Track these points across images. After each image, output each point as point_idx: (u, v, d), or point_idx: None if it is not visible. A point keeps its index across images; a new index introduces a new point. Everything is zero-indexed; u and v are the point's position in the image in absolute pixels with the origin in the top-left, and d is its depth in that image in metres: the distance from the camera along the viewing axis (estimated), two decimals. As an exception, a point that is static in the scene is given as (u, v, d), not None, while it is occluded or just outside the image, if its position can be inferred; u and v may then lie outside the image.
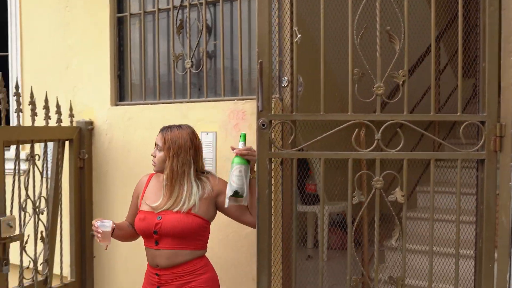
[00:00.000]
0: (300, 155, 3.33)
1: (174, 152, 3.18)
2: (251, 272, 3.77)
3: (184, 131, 3.24)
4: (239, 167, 3.07)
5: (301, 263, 3.83)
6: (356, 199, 3.25)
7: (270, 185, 3.27)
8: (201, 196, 3.19)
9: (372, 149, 3.23)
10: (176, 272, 3.17)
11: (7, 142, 3.84)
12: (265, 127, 3.25)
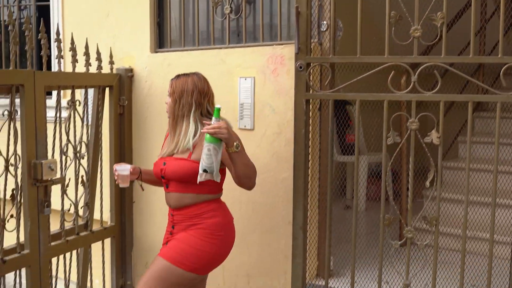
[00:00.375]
0: (335, 96, 3.40)
1: (177, 96, 3.27)
2: (287, 216, 3.82)
3: (190, 77, 3.31)
4: (208, 146, 3.03)
5: (339, 213, 3.87)
6: (390, 140, 3.29)
7: (306, 125, 3.40)
8: (198, 140, 3.22)
9: (408, 91, 3.24)
10: (184, 214, 3.28)
11: (48, 87, 3.92)
12: (302, 69, 3.39)
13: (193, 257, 3.19)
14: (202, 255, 3.20)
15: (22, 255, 3.69)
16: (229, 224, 3.35)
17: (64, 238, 4.02)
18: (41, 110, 3.77)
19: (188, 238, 3.23)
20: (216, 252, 3.24)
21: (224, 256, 3.34)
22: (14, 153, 3.66)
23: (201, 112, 3.27)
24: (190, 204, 3.26)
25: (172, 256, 3.22)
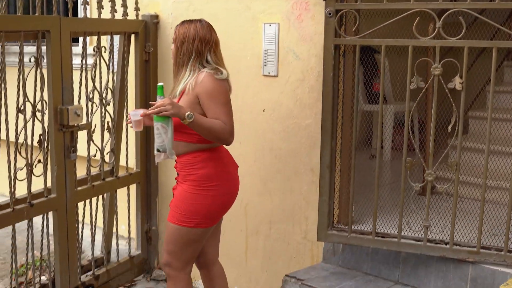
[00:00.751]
0: (362, 41, 3.47)
1: (179, 43, 3.24)
2: (309, 162, 3.86)
3: (193, 24, 3.26)
4: (156, 125, 3.06)
5: (364, 162, 3.90)
6: (414, 84, 3.35)
7: (335, 69, 3.51)
8: (183, 89, 3.21)
9: (433, 37, 3.29)
10: (181, 162, 3.31)
11: (74, 34, 3.97)
12: (331, 15, 3.48)
13: (191, 213, 3.22)
14: (198, 208, 3.22)
15: (49, 199, 3.80)
16: (223, 173, 3.28)
17: (90, 183, 4.12)
18: (67, 56, 3.83)
19: (182, 195, 3.27)
20: (212, 202, 3.23)
21: (225, 204, 3.33)
22: (41, 99, 3.74)
23: (201, 61, 3.21)
24: (185, 153, 3.27)
25: (174, 217, 3.28)
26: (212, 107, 3.13)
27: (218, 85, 3.15)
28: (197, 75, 3.17)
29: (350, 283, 3.57)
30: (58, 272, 3.91)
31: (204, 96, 3.12)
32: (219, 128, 3.11)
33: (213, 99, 3.13)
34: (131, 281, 4.64)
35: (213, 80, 3.14)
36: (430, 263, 3.45)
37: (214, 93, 3.13)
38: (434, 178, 3.39)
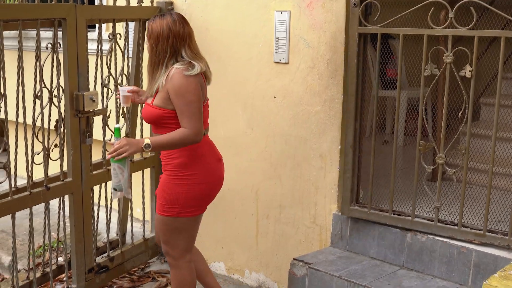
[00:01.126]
0: (383, 30, 3.68)
1: (154, 43, 3.27)
2: (318, 148, 3.95)
3: (165, 20, 3.28)
4: (113, 165, 3.22)
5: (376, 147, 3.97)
6: (428, 71, 3.52)
7: (359, 55, 3.73)
8: (159, 86, 3.27)
9: (445, 27, 3.44)
10: (162, 153, 3.46)
11: (90, 21, 4.07)
12: (356, 6, 3.69)
13: (170, 202, 3.33)
14: (175, 197, 3.32)
15: (65, 183, 3.94)
16: (199, 163, 3.36)
17: (105, 167, 4.24)
18: (82, 43, 3.94)
19: (162, 186, 3.40)
20: (187, 191, 3.33)
21: (203, 193, 3.40)
22: (57, 85, 3.86)
23: (176, 58, 3.26)
24: None
25: (159, 207, 3.42)
26: (178, 105, 3.21)
27: (185, 82, 3.19)
28: (168, 71, 3.23)
29: (356, 267, 3.67)
30: (74, 254, 4.06)
31: (172, 93, 3.20)
32: (181, 137, 3.22)
33: (180, 96, 3.20)
34: (145, 263, 4.79)
35: (181, 77, 3.19)
36: (435, 249, 3.54)
37: (180, 90, 3.19)
38: (444, 162, 3.53)
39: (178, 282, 3.54)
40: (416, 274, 3.58)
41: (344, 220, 3.90)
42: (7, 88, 3.53)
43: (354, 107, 3.81)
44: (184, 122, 3.23)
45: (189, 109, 3.21)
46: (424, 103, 3.61)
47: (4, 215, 3.62)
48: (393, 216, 3.74)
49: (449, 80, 3.46)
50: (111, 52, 4.21)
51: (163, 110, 3.27)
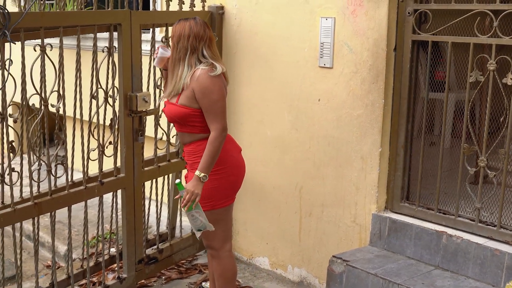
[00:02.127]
0: (434, 38, 3.93)
1: (175, 41, 3.56)
2: (360, 151, 4.14)
3: (187, 22, 3.58)
4: (190, 213, 3.52)
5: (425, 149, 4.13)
6: (473, 78, 3.74)
7: (412, 61, 4.03)
8: (184, 85, 3.51)
9: (490, 36, 3.65)
10: (187, 151, 3.69)
11: (143, 26, 4.35)
12: (410, 15, 3.95)
13: (206, 198, 3.55)
14: (210, 192, 3.56)
15: (118, 178, 4.24)
16: (226, 157, 3.59)
17: (156, 164, 4.53)
18: (136, 46, 4.23)
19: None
20: (220, 184, 3.60)
21: (233, 184, 3.69)
22: (112, 86, 4.16)
23: (197, 56, 3.51)
24: (189, 142, 3.64)
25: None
26: (204, 103, 3.47)
27: (211, 82, 3.46)
28: (193, 71, 3.48)
29: (392, 265, 3.86)
30: (125, 245, 4.36)
31: (198, 93, 3.46)
32: (215, 145, 3.47)
33: (206, 96, 3.46)
34: (192, 256, 5.07)
35: (206, 77, 3.46)
36: (469, 251, 3.70)
37: (206, 90, 3.46)
38: (485, 165, 3.72)
39: (220, 272, 3.81)
40: (450, 274, 3.75)
41: (383, 220, 4.09)
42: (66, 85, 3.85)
43: (407, 109, 4.06)
44: (210, 120, 3.50)
45: (214, 107, 3.49)
46: (470, 107, 3.79)
47: (61, 208, 3.94)
48: (438, 214, 3.97)
49: (492, 86, 3.65)
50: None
51: (189, 109, 3.51)
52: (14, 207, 3.63)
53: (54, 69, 3.76)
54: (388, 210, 4.15)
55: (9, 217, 3.62)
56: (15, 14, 3.47)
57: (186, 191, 3.47)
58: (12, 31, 3.48)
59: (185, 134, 3.63)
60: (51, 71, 3.76)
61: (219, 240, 3.75)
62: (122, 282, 4.37)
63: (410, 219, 4.02)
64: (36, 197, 3.79)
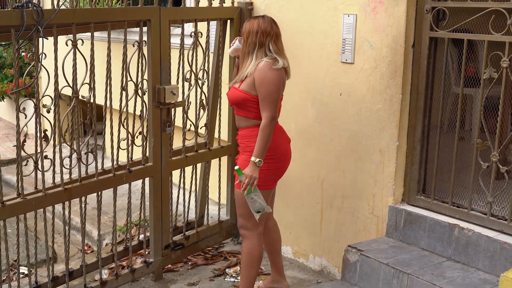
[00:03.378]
0: (450, 35, 4.10)
1: (245, 36, 4.02)
2: (378, 144, 4.32)
3: (256, 20, 4.03)
4: (249, 196, 3.88)
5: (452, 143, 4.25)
6: (487, 75, 3.88)
7: (429, 57, 4.17)
8: (248, 74, 3.95)
9: (504, 33, 3.79)
10: (241, 134, 4.12)
11: (173, 21, 4.59)
12: (428, 12, 4.11)
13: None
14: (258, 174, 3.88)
15: (146, 167, 4.50)
16: (274, 145, 3.96)
17: (183, 154, 4.78)
18: (165, 41, 4.47)
19: (244, 164, 3.96)
20: (268, 168, 3.96)
21: (279, 170, 4.08)
22: (142, 79, 4.41)
23: (264, 50, 3.93)
24: (244, 126, 4.07)
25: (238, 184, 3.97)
26: (262, 92, 3.89)
27: (271, 74, 3.88)
28: (257, 62, 3.91)
29: (405, 256, 4.03)
30: (152, 231, 4.63)
31: (258, 81, 3.88)
32: (266, 132, 3.87)
33: (264, 85, 3.87)
34: (219, 243, 5.31)
35: (268, 69, 3.88)
36: (479, 243, 3.84)
37: (265, 80, 3.87)
38: (498, 159, 3.87)
39: (248, 252, 4.11)
40: (460, 266, 3.90)
41: (399, 212, 4.25)
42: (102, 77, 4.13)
43: (423, 104, 4.23)
44: (263, 108, 3.90)
45: (269, 97, 3.89)
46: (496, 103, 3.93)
47: (90, 193, 4.22)
48: (451, 207, 4.13)
49: (505, 83, 3.79)
50: (193, 49, 4.73)
51: (248, 94, 3.94)
52: (45, 192, 3.92)
53: (85, 63, 4.02)
54: (405, 202, 4.32)
55: (40, 201, 3.91)
56: (48, 11, 3.75)
57: (245, 176, 3.85)
58: (45, 27, 3.76)
59: (241, 118, 4.06)
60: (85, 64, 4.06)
61: (253, 222, 4.05)
62: (149, 266, 4.64)
63: (425, 212, 4.18)
64: (66, 183, 4.07)
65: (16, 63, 3.76)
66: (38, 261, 4.40)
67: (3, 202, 3.73)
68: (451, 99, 4.68)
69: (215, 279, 4.78)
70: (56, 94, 3.98)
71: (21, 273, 5.21)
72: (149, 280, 4.73)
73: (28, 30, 3.69)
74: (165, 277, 4.79)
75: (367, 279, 4.06)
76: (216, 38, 5.05)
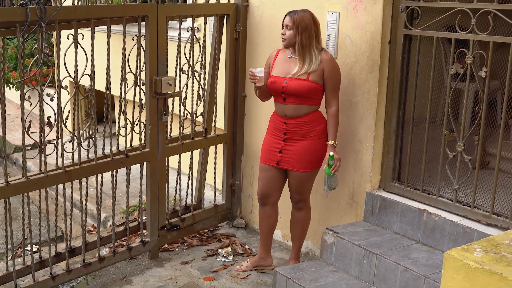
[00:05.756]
0: (421, 33, 4.43)
1: (302, 29, 4.39)
2: (358, 134, 4.69)
3: (307, 13, 4.48)
4: (332, 178, 4.53)
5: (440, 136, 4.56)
6: (453, 70, 4.24)
7: (403, 53, 4.51)
8: (316, 66, 4.42)
9: (468, 32, 4.13)
10: (299, 122, 4.55)
11: (170, 17, 5.00)
12: (402, 11, 4.46)
13: (320, 159, 4.58)
14: (322, 154, 4.55)
15: (143, 152, 4.93)
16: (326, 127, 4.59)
17: (180, 141, 5.19)
18: (162, 36, 4.88)
19: (309, 149, 4.55)
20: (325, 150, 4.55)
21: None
22: (140, 70, 4.83)
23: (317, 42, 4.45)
24: (306, 113, 4.53)
25: (306, 166, 4.60)
26: (332, 81, 4.47)
27: (337, 66, 4.52)
28: (321, 54, 4.45)
29: (377, 239, 4.40)
30: (148, 212, 5.06)
31: (329, 72, 4.45)
32: (338, 116, 4.52)
33: (335, 75, 4.48)
34: (214, 226, 5.74)
35: (335, 61, 4.53)
36: (445, 228, 4.20)
37: (335, 71, 4.48)
38: (462, 149, 4.21)
39: (307, 219, 4.87)
40: (427, 249, 4.26)
41: (375, 198, 4.62)
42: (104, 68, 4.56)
43: (398, 97, 4.57)
44: (333, 96, 4.50)
45: (338, 86, 4.53)
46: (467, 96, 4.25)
47: (89, 176, 4.65)
48: (422, 194, 4.49)
49: (470, 78, 4.13)
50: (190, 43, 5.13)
51: (318, 84, 4.46)
52: (47, 173, 4.37)
53: (86, 56, 4.44)
54: (381, 189, 4.69)
55: (42, 181, 4.35)
56: (50, 8, 4.18)
57: (336, 159, 4.45)
58: (48, 23, 4.20)
59: (304, 106, 4.52)
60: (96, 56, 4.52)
61: (309, 195, 4.80)
62: (145, 245, 5.08)
63: (398, 198, 4.54)
64: (67, 166, 4.52)
65: (21, 55, 4.21)
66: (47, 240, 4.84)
67: (8, 181, 4.19)
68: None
69: (207, 259, 5.20)
70: (58, 85, 4.44)
71: (29, 251, 5.68)
72: (146, 258, 5.16)
73: (32, 26, 4.12)
74: (161, 256, 5.23)
75: (342, 259, 4.45)
76: (213, 33, 5.45)
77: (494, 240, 3.10)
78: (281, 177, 4.74)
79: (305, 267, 4.50)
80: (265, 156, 4.74)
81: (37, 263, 4.66)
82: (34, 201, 5.92)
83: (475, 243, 3.15)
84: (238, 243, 5.46)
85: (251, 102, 5.57)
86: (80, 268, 4.69)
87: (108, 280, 4.87)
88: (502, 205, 4.12)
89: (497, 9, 3.93)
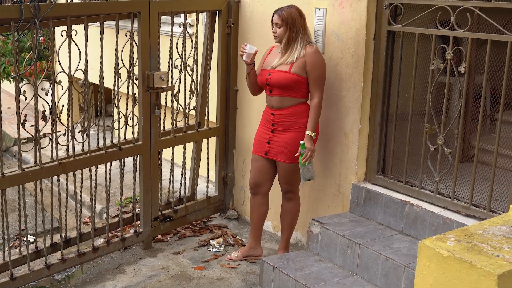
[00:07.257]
0: (404, 29, 4.60)
1: (291, 24, 4.59)
2: (344, 127, 4.86)
3: (293, 8, 4.70)
4: (306, 167, 4.67)
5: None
6: (434, 65, 4.39)
7: (387, 49, 4.69)
8: (297, 57, 4.63)
9: (448, 28, 4.30)
10: (285, 113, 4.75)
11: (162, 13, 5.18)
12: (386, 7, 4.63)
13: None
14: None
15: (136, 145, 5.11)
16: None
17: (173, 134, 5.38)
18: (154, 32, 5.05)
19: (293, 141, 4.72)
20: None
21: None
22: (133, 65, 5.01)
23: (305, 35, 4.64)
24: (291, 105, 4.73)
25: (290, 158, 4.76)
26: (314, 75, 4.63)
27: (321, 58, 4.70)
28: (305, 47, 4.62)
29: (361, 229, 4.58)
30: (142, 204, 5.25)
31: (311, 65, 4.62)
32: (319, 109, 4.67)
33: (317, 68, 4.64)
34: (207, 217, 5.92)
35: (318, 54, 4.68)
36: (426, 218, 4.37)
37: (317, 64, 4.65)
38: (443, 143, 4.37)
39: (296, 209, 5.05)
40: (409, 239, 4.43)
41: (360, 189, 4.80)
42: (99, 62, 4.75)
43: (382, 92, 4.75)
44: (315, 88, 4.66)
45: (320, 79, 4.68)
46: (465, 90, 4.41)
47: (83, 168, 4.84)
48: (405, 186, 4.67)
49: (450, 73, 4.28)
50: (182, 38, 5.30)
51: (300, 77, 4.64)
52: (42, 166, 4.56)
53: (79, 52, 4.62)
54: (366, 181, 4.87)
55: (36, 173, 4.54)
56: (44, 5, 4.36)
57: (307, 148, 4.61)
58: (42, 19, 4.37)
59: (287, 98, 4.72)
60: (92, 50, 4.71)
61: (297, 184, 4.95)
62: (138, 236, 5.27)
63: (382, 190, 4.72)
64: (61, 159, 4.70)
65: (15, 51, 4.41)
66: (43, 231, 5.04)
67: (3, 173, 4.38)
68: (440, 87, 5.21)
69: (199, 249, 5.39)
70: (53, 79, 4.63)
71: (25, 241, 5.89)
72: (139, 248, 5.35)
73: (26, 22, 4.30)
74: (154, 246, 5.42)
75: (327, 249, 4.63)
76: (206, 28, 5.63)
77: (468, 230, 3.26)
78: (271, 168, 4.94)
79: (292, 256, 4.68)
80: (256, 146, 4.97)
81: (33, 253, 4.85)
82: (32, 193, 6.12)
83: (449, 232, 3.31)
84: (230, 234, 5.64)
85: (243, 96, 5.74)
86: (75, 258, 4.89)
87: (102, 269, 5.06)
88: (481, 197, 4.29)
89: (475, 6, 4.08)
